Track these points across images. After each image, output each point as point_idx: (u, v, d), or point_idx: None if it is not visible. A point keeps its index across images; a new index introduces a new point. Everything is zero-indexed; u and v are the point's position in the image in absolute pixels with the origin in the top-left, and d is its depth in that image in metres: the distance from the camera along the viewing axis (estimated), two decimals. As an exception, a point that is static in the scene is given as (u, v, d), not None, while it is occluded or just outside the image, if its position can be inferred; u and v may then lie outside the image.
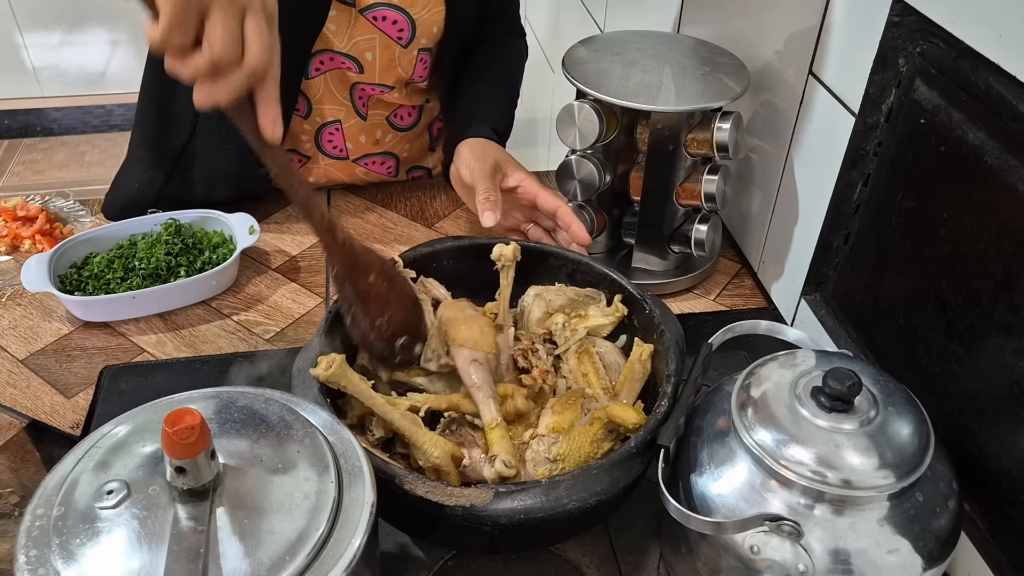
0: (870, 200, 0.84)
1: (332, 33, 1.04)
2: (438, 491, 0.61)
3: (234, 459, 0.53)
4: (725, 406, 0.64)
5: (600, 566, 0.72)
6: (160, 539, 0.48)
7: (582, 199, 0.99)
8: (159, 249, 0.99)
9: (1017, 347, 0.63)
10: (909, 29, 0.75)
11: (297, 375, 0.71)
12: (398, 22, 1.06)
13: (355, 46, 1.07)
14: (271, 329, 0.96)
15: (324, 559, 0.49)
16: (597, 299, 0.85)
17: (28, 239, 1.07)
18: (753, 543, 0.58)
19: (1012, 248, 0.63)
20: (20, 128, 3.49)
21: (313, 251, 1.09)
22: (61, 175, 3.28)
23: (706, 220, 0.99)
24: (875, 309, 0.83)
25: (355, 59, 1.08)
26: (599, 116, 0.93)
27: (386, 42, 1.07)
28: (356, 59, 1.08)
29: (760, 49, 1.02)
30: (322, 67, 1.09)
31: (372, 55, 1.08)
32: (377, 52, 1.08)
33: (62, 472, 0.53)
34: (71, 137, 3.52)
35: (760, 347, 0.71)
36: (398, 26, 1.06)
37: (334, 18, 1.03)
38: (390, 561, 0.72)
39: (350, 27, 1.04)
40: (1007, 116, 0.63)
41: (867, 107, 0.81)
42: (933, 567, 0.57)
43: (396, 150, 1.24)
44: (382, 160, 1.24)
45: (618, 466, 0.64)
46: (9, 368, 0.90)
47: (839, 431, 0.58)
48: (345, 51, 1.07)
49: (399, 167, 1.27)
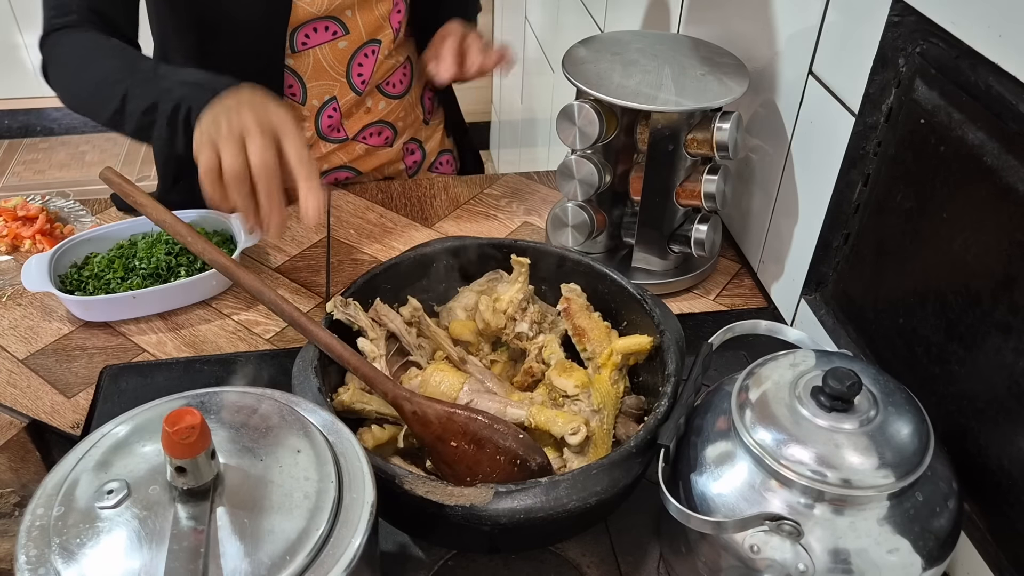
0: (870, 200, 0.84)
1: (308, 4, 1.05)
2: (438, 491, 0.61)
3: (234, 459, 0.53)
4: (725, 406, 0.64)
5: (600, 566, 0.72)
6: (160, 539, 0.48)
7: (582, 199, 0.99)
8: (159, 249, 0.99)
9: (1017, 347, 0.63)
10: (909, 29, 0.75)
11: (297, 375, 0.71)
12: None
13: (334, 7, 1.07)
14: (271, 329, 0.97)
15: (324, 559, 0.49)
16: (498, 277, 0.86)
17: (28, 239, 1.07)
18: (753, 543, 0.58)
19: (1012, 248, 0.63)
20: (20, 128, 3.49)
21: (313, 251, 1.09)
22: (61, 175, 3.28)
23: (706, 220, 0.99)
24: (875, 309, 0.83)
25: (337, 19, 1.09)
26: (599, 116, 0.93)
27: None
28: (338, 19, 1.09)
29: (760, 49, 1.02)
30: (308, 40, 1.09)
31: (351, 11, 1.10)
32: (356, 8, 1.10)
33: (62, 472, 0.53)
34: (71, 137, 3.51)
35: (760, 347, 0.71)
36: None
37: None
38: (390, 561, 0.72)
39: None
40: (1007, 116, 0.63)
41: (867, 107, 0.81)
42: (933, 567, 0.57)
43: (391, 119, 1.26)
44: (379, 130, 1.25)
45: (618, 466, 0.64)
46: (9, 368, 0.90)
47: (839, 431, 0.58)
48: (324, 14, 1.07)
49: (396, 137, 1.29)
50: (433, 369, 0.75)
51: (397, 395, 0.68)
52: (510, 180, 1.26)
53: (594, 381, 0.75)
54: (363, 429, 0.73)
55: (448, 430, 0.67)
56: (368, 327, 0.77)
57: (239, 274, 0.73)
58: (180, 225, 0.75)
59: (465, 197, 1.22)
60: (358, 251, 1.10)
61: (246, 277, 0.73)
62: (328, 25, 1.08)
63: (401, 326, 0.79)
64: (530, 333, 0.82)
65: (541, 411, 0.71)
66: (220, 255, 0.74)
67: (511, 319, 0.82)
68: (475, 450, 0.67)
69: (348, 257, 1.08)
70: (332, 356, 0.70)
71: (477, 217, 1.17)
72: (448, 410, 0.67)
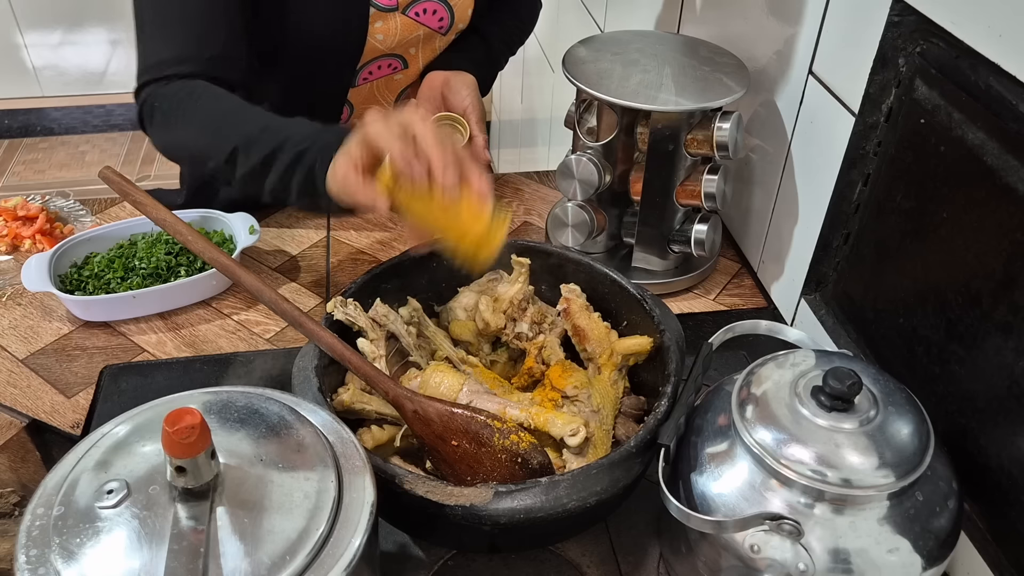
0: (870, 200, 0.84)
1: (379, 42, 1.06)
2: (438, 491, 0.61)
3: (234, 459, 0.53)
4: (725, 405, 0.64)
5: (600, 566, 0.72)
6: (160, 539, 0.48)
7: (582, 199, 0.99)
8: (159, 249, 0.99)
9: (1017, 347, 0.63)
10: (909, 29, 0.75)
11: (297, 375, 0.71)
12: (438, 11, 1.08)
13: (400, 45, 1.09)
14: (271, 329, 0.96)
15: (324, 559, 0.49)
16: (497, 277, 0.86)
17: (28, 239, 1.07)
18: (753, 542, 0.58)
19: (1012, 248, 0.63)
20: (20, 128, 3.49)
21: (313, 251, 1.09)
22: (61, 175, 3.28)
23: (706, 220, 0.99)
24: (875, 309, 0.83)
25: (400, 56, 1.10)
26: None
27: (428, 33, 1.10)
28: (401, 56, 1.10)
29: (760, 49, 1.02)
30: (371, 76, 1.11)
31: (415, 49, 1.11)
32: (420, 45, 1.11)
33: (62, 472, 0.53)
34: (71, 137, 3.51)
35: (760, 347, 0.72)
36: (438, 15, 1.09)
37: (380, 28, 1.04)
38: (390, 561, 0.72)
39: (397, 31, 1.06)
40: (1007, 116, 0.63)
41: (867, 107, 0.81)
42: (933, 567, 0.57)
43: None
44: None
45: (618, 466, 0.64)
46: (9, 368, 0.90)
47: (839, 430, 0.58)
48: (391, 51, 1.08)
49: None
50: (433, 369, 0.75)
51: (398, 394, 0.68)
52: (510, 180, 1.26)
53: (594, 382, 0.75)
54: (363, 429, 0.73)
55: (449, 429, 0.67)
56: (368, 327, 0.77)
57: (239, 274, 0.73)
58: (180, 225, 0.75)
59: (465, 197, 1.21)
60: (358, 251, 1.10)
61: (246, 277, 0.73)
62: (392, 62, 1.10)
63: (401, 326, 0.79)
64: (530, 333, 0.82)
65: (540, 412, 0.71)
66: (220, 255, 0.74)
67: (511, 319, 0.82)
68: (476, 449, 0.67)
69: (348, 257, 1.08)
70: (333, 355, 0.70)
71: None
72: (449, 409, 0.67)
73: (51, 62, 3.33)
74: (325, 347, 0.70)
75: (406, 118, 0.70)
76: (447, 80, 1.08)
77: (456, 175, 0.67)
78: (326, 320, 0.76)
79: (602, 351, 0.78)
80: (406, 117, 0.70)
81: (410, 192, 0.68)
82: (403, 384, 0.72)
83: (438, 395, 0.72)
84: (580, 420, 0.70)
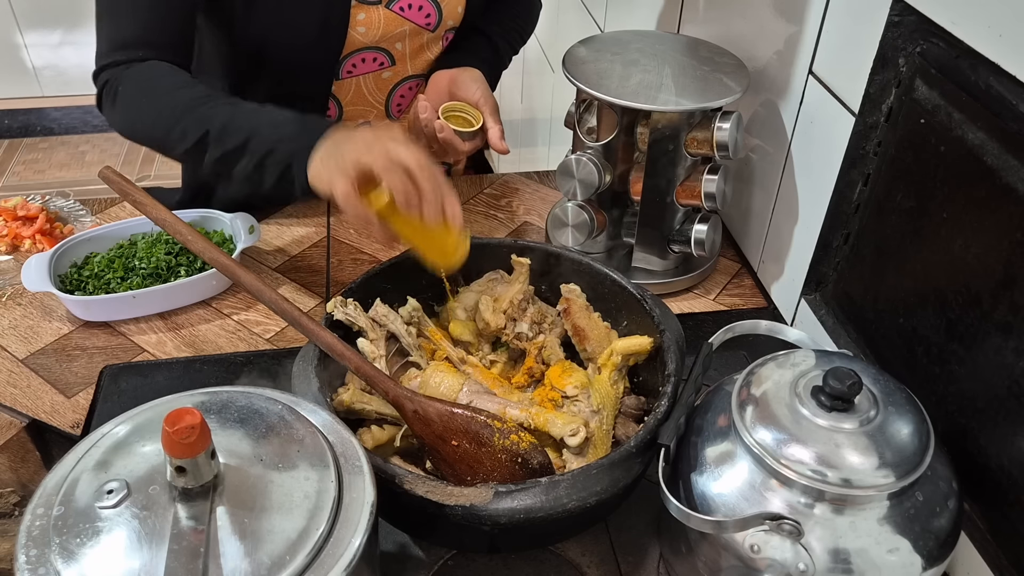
0: (870, 200, 0.84)
1: (361, 35, 1.05)
2: (438, 491, 0.61)
3: (234, 459, 0.53)
4: (725, 405, 0.64)
5: (600, 566, 0.72)
6: (160, 539, 0.48)
7: (582, 199, 0.99)
8: (159, 249, 0.99)
9: (1017, 347, 0.63)
10: (909, 29, 0.75)
11: (297, 375, 0.71)
12: (424, 7, 1.08)
13: (384, 39, 1.08)
14: (271, 329, 0.96)
15: (324, 559, 0.49)
16: (497, 277, 0.86)
17: (28, 239, 1.07)
18: (753, 542, 0.58)
19: (1012, 248, 0.63)
20: (20, 128, 3.49)
21: (313, 251, 1.09)
22: (61, 175, 3.28)
23: (706, 220, 0.99)
24: (875, 309, 0.83)
25: (386, 51, 1.09)
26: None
27: (415, 30, 1.09)
28: (387, 51, 1.09)
29: (760, 49, 1.02)
30: (355, 70, 1.10)
31: (402, 45, 1.10)
32: (406, 41, 1.10)
33: (62, 472, 0.53)
34: (71, 137, 3.51)
35: (760, 347, 0.72)
36: (424, 11, 1.08)
37: (363, 20, 1.04)
38: (390, 561, 0.72)
39: (380, 24, 1.06)
40: (1007, 116, 0.63)
41: (867, 107, 0.81)
42: (933, 567, 0.57)
43: None
44: None
45: (618, 466, 0.64)
46: (9, 368, 0.90)
47: (839, 430, 0.58)
48: (375, 44, 1.08)
49: None
50: (433, 370, 0.75)
51: (398, 394, 0.68)
52: (510, 180, 1.26)
53: (594, 382, 0.75)
54: (363, 429, 0.73)
55: (449, 429, 0.67)
56: (368, 327, 0.77)
57: (239, 274, 0.73)
58: (180, 225, 0.75)
59: (465, 197, 1.21)
60: (358, 251, 1.10)
61: (246, 277, 0.73)
62: (376, 56, 1.09)
63: (401, 326, 0.79)
64: (530, 333, 0.82)
65: (540, 412, 0.71)
66: (220, 255, 0.74)
67: (511, 319, 0.82)
68: (476, 449, 0.67)
69: (348, 257, 1.09)
70: (333, 355, 0.70)
71: (477, 217, 1.17)
72: (449, 409, 0.67)
73: (51, 62, 3.33)
74: (325, 347, 0.70)
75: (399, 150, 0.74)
76: (453, 77, 1.07)
77: (440, 204, 0.73)
78: (326, 320, 0.76)
79: (602, 351, 0.78)
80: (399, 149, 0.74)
81: (399, 215, 0.74)
82: (403, 384, 0.72)
83: (438, 395, 0.72)
84: (580, 420, 0.70)
